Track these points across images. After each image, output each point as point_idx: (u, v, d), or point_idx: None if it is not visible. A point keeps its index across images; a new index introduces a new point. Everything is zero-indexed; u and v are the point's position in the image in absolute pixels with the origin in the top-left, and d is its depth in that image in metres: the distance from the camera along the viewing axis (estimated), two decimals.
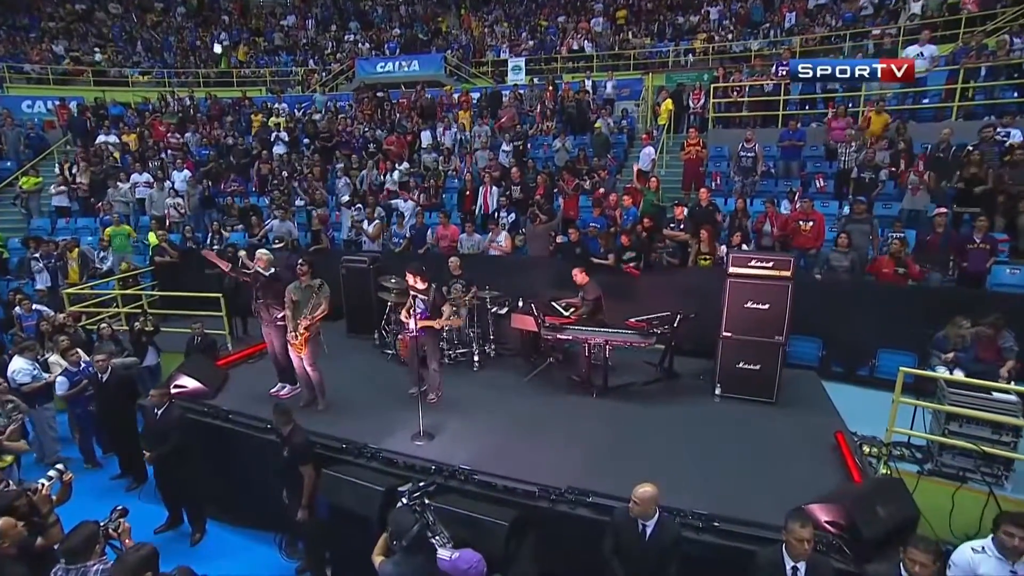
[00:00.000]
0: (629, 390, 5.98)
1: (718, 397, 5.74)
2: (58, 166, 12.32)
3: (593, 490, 3.97)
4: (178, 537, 5.46)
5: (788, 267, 5.35)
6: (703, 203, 8.10)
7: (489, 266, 8.33)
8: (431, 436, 5.12)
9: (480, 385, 6.33)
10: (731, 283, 5.54)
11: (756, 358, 5.57)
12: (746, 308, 5.49)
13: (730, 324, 5.60)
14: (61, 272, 9.52)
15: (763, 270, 5.42)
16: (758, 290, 5.44)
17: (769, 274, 5.41)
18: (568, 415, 5.55)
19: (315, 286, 5.58)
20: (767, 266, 5.42)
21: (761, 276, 5.43)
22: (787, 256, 5.58)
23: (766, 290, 5.41)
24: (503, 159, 11.71)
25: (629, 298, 7.50)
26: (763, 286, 5.42)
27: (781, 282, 5.36)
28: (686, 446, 4.90)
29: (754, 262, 5.47)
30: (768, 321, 5.43)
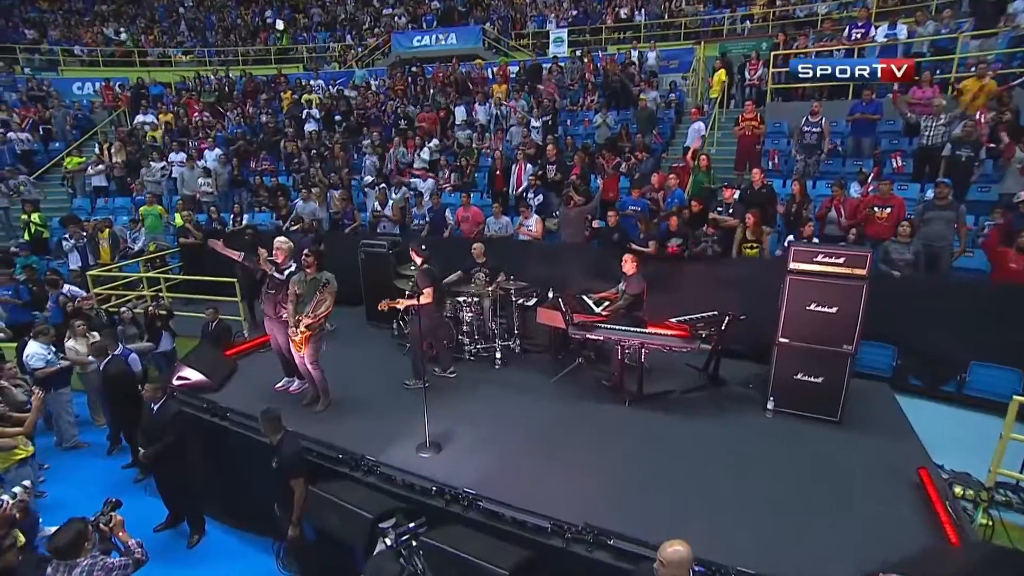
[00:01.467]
0: (667, 399, 5.28)
1: (771, 412, 4.95)
2: (97, 146, 12.45)
3: (616, 531, 3.34)
4: (178, 536, 5.20)
5: (863, 264, 4.46)
6: (756, 185, 7.14)
7: (517, 252, 7.69)
8: (438, 447, 4.61)
9: (500, 386, 5.75)
10: (791, 281, 4.70)
11: (818, 369, 4.73)
12: (809, 311, 4.65)
13: (788, 328, 4.78)
14: (92, 252, 9.54)
15: (831, 267, 4.55)
16: (824, 290, 4.58)
17: (839, 271, 4.53)
18: (595, 428, 4.91)
19: (321, 280, 5.11)
20: (837, 262, 4.54)
21: (829, 274, 4.57)
22: (863, 251, 4.66)
23: (834, 291, 4.55)
24: (534, 136, 10.97)
25: (669, 291, 6.68)
26: (831, 286, 4.56)
27: (854, 282, 4.48)
28: (730, 475, 4.18)
29: (821, 257, 4.60)
30: (835, 327, 4.58)
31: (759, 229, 6.47)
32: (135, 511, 5.26)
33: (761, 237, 6.44)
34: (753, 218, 6.39)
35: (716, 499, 3.87)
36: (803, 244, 5.06)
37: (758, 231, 6.46)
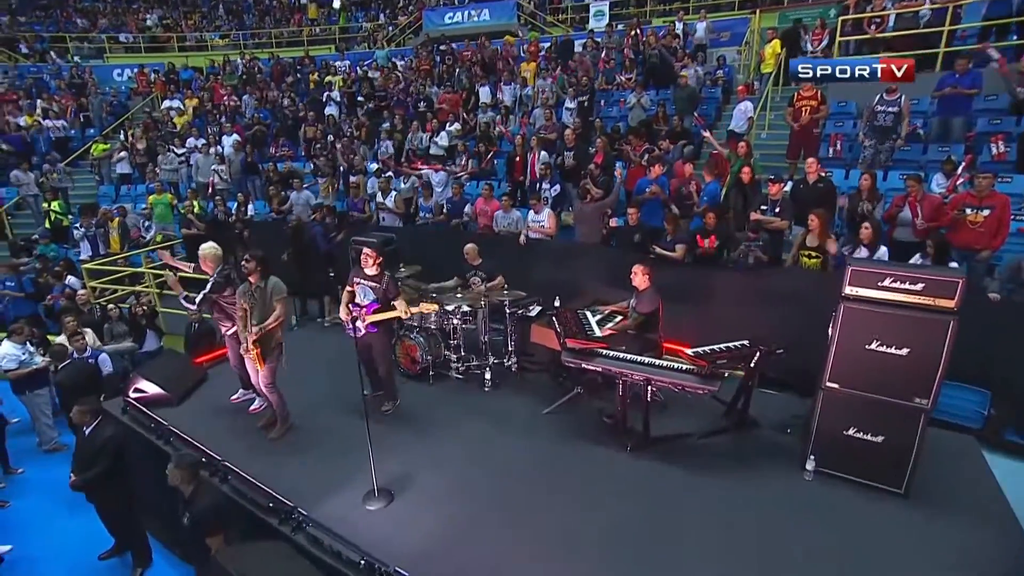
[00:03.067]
0: (679, 445, 4.29)
1: (811, 473, 3.87)
2: (123, 132, 12.41)
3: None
4: (122, 566, 4.75)
5: (952, 292, 3.29)
6: (811, 177, 5.88)
7: (524, 252, 6.79)
8: (389, 497, 3.87)
9: (482, 416, 4.91)
10: (847, 310, 3.58)
11: (878, 425, 3.62)
12: (869, 351, 3.53)
13: (839, 370, 3.67)
14: (103, 242, 9.39)
15: (905, 294, 3.40)
16: (893, 325, 3.45)
17: (916, 301, 3.38)
18: (584, 482, 4.00)
19: (267, 289, 4.44)
20: (913, 288, 3.38)
21: (900, 304, 3.42)
22: (953, 274, 3.46)
23: (907, 326, 3.41)
24: (566, 118, 9.92)
25: (695, 304, 5.66)
26: (902, 319, 3.42)
27: (937, 316, 3.32)
28: (749, 566, 3.19)
29: (890, 280, 3.44)
30: (906, 374, 3.45)
31: (825, 234, 5.24)
32: (81, 533, 4.93)
33: (826, 244, 5.21)
34: (818, 221, 5.16)
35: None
36: (864, 262, 3.88)
37: (824, 236, 5.23)
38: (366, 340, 4.76)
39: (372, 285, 4.68)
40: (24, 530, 5.27)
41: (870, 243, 4.98)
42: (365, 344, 4.79)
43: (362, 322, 4.64)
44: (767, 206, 5.79)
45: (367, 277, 4.70)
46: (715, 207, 5.93)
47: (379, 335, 4.75)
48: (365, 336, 4.72)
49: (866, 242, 4.98)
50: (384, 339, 4.78)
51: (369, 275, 4.68)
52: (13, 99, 13.73)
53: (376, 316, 4.60)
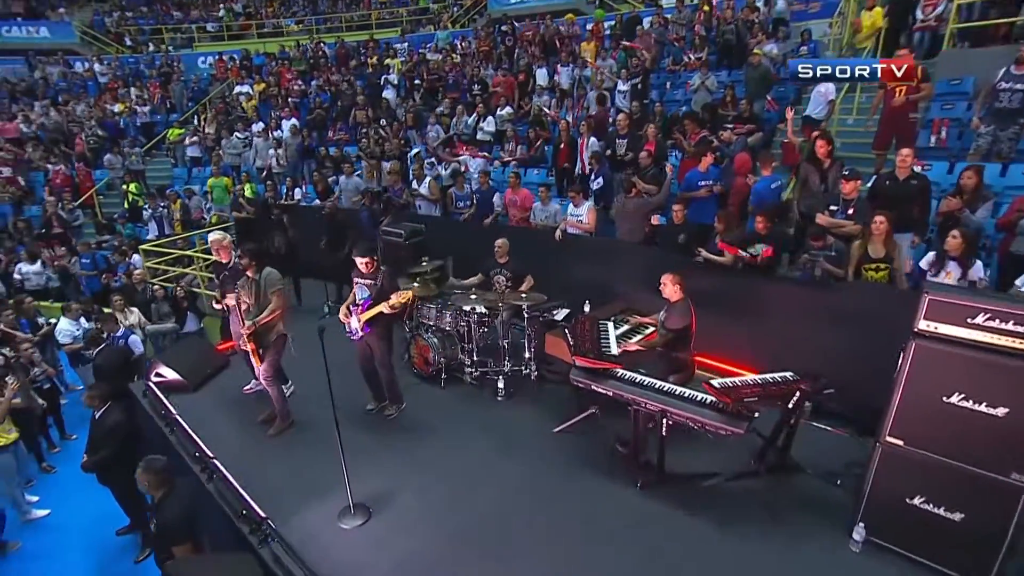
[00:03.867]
0: (700, 486, 3.67)
1: (859, 544, 3.14)
2: (196, 117, 13.04)
3: None
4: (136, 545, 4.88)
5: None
6: (902, 172, 4.87)
7: (560, 249, 6.25)
8: (367, 514, 3.61)
9: (486, 430, 4.53)
10: (919, 349, 2.81)
11: (957, 499, 2.84)
12: (948, 403, 2.74)
13: (905, 423, 2.91)
14: (168, 222, 9.90)
15: (1006, 336, 2.58)
16: (985, 375, 2.64)
17: (1017, 347, 2.56)
18: (587, 516, 3.54)
19: (261, 281, 4.28)
20: (1015, 331, 2.56)
21: (998, 348, 2.61)
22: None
23: (1007, 379, 2.59)
24: (619, 102, 9.15)
25: (742, 319, 4.91)
26: (1000, 370, 2.60)
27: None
28: None
29: (986, 317, 2.62)
30: (1002, 439, 2.64)
31: (891, 241, 4.32)
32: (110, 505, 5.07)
33: (893, 253, 4.30)
34: (883, 222, 4.25)
35: None
36: (946, 289, 3.00)
37: (890, 243, 4.32)
38: (364, 345, 4.53)
39: (368, 283, 4.41)
40: (61, 496, 5.59)
41: (960, 256, 4.00)
42: (363, 349, 4.57)
43: (358, 322, 4.41)
44: (837, 206, 4.86)
45: (363, 275, 4.42)
46: (769, 208, 5.08)
47: (376, 338, 4.47)
48: (362, 339, 4.49)
49: (954, 254, 4.01)
50: (382, 342, 4.49)
51: (364, 274, 4.40)
52: (113, 88, 14.87)
53: (367, 313, 4.33)
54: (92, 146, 12.49)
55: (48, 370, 6.29)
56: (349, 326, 4.51)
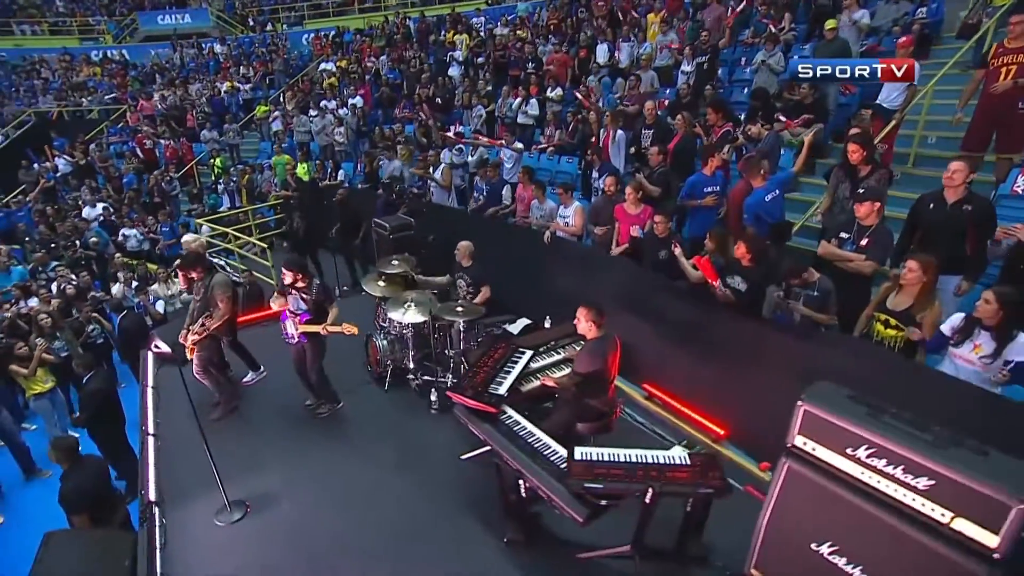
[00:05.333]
0: (571, 558, 3.18)
1: None
2: (280, 94, 13.99)
3: None
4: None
5: (997, 520, 1.59)
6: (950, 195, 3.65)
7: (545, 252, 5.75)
8: (243, 512, 3.71)
9: (401, 440, 4.43)
10: (791, 471, 2.09)
11: None
12: (816, 552, 2.01)
13: (768, 558, 2.22)
14: (239, 196, 10.84)
15: (896, 485, 1.79)
16: (860, 526, 1.87)
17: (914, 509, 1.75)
18: (449, 556, 3.26)
19: (209, 286, 4.47)
20: (913, 483, 1.75)
21: (883, 499, 1.82)
22: (1003, 487, 1.68)
23: (891, 545, 1.80)
24: (683, 82, 8.07)
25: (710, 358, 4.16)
26: (883, 529, 1.82)
27: (954, 556, 1.67)
28: None
29: (869, 453, 1.82)
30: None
31: (928, 297, 3.22)
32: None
33: (927, 308, 3.21)
34: (920, 271, 3.18)
35: None
36: (828, 405, 2.09)
37: (924, 299, 3.22)
38: (299, 348, 4.56)
39: (304, 296, 4.37)
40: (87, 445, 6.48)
41: (997, 326, 2.87)
42: (298, 352, 4.60)
43: (294, 328, 4.43)
44: (848, 234, 3.78)
45: (298, 288, 4.37)
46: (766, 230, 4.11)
47: (311, 345, 4.47)
48: (298, 344, 4.51)
49: (988, 322, 2.89)
50: (315, 349, 4.49)
51: (299, 287, 4.35)
52: (226, 68, 16.50)
53: (305, 328, 4.31)
54: (200, 122, 14.01)
55: (106, 325, 7.24)
56: (285, 330, 4.55)
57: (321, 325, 4.23)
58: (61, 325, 6.41)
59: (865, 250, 3.66)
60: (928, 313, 3.16)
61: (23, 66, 18.34)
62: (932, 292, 3.20)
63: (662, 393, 4.65)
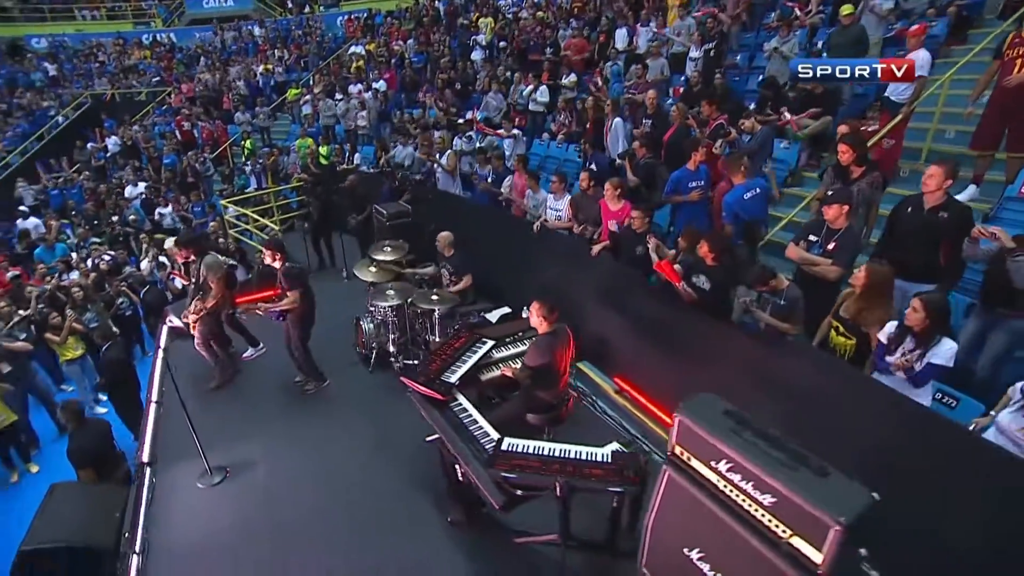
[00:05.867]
0: (508, 542, 3.35)
1: None
2: (311, 77, 14.36)
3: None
4: None
5: (820, 537, 1.64)
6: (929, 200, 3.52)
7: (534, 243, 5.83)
8: (222, 476, 4.11)
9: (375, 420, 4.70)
10: (671, 477, 2.16)
11: None
12: (687, 557, 2.09)
13: (654, 557, 2.30)
14: (265, 177, 11.32)
15: (746, 499, 1.85)
16: (721, 538, 1.95)
17: (760, 521, 1.81)
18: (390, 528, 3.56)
19: (201, 268, 4.82)
20: (760, 498, 1.80)
21: (738, 511, 1.88)
22: (830, 509, 1.71)
23: (741, 553, 1.87)
24: (692, 70, 7.87)
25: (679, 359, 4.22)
26: (736, 539, 1.89)
27: (786, 567, 1.73)
28: None
29: (727, 466, 1.88)
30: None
31: (880, 302, 3.13)
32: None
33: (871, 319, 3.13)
34: (865, 278, 3.10)
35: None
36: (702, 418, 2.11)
37: (876, 306, 3.13)
38: (285, 327, 4.84)
39: (280, 277, 4.66)
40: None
41: (921, 332, 2.80)
42: (285, 330, 4.89)
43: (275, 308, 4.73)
44: (817, 237, 3.69)
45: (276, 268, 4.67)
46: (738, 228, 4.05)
47: (292, 323, 4.75)
48: (284, 323, 4.80)
49: (916, 329, 2.82)
50: (294, 328, 4.78)
51: (276, 267, 4.64)
52: (263, 50, 17.03)
53: (267, 305, 4.64)
54: (236, 104, 14.59)
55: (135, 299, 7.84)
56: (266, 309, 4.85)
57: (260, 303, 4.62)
58: (93, 298, 6.98)
59: (831, 254, 3.57)
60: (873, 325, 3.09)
61: (83, 50, 19.49)
62: (884, 305, 3.11)
63: (631, 387, 4.70)
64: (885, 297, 3.12)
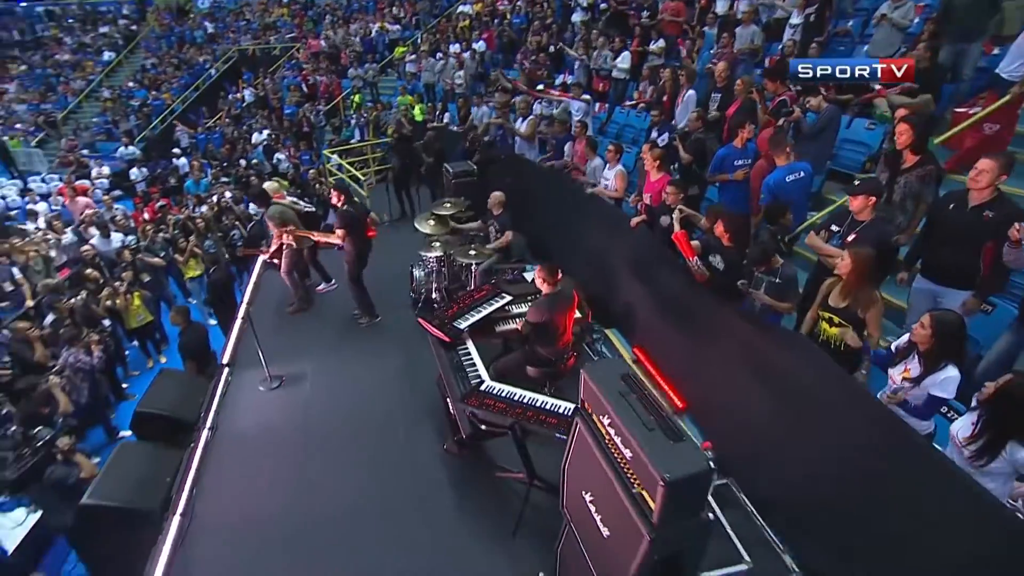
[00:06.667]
0: (492, 476, 3.78)
1: None
2: (419, 36, 15.00)
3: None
4: None
5: (653, 489, 1.83)
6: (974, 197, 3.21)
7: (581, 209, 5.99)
8: (279, 383, 4.96)
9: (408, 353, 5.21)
10: (579, 424, 2.39)
11: None
12: (584, 499, 2.35)
13: (569, 498, 2.56)
14: (367, 131, 12.31)
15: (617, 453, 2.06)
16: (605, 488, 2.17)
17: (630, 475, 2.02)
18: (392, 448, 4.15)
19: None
20: (624, 454, 2.01)
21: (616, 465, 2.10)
22: (665, 466, 1.86)
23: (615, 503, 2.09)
24: (788, 38, 7.28)
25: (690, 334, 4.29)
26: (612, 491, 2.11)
27: (639, 521, 1.95)
28: None
29: (608, 422, 2.08)
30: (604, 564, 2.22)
31: (864, 292, 3.02)
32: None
33: (860, 309, 3.03)
34: (852, 264, 3.01)
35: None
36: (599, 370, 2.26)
37: (862, 295, 3.03)
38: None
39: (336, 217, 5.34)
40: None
41: (927, 352, 2.64)
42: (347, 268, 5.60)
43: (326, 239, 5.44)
44: (839, 226, 3.50)
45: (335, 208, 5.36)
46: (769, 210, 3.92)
47: (345, 258, 5.43)
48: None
49: (921, 347, 2.67)
50: (346, 264, 5.46)
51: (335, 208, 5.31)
52: (381, 8, 17.97)
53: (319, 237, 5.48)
54: (351, 60, 15.74)
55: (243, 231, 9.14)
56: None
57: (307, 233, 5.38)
58: (212, 228, 8.32)
59: (850, 247, 3.38)
60: (873, 311, 2.96)
61: (235, 9, 21.91)
62: (868, 289, 2.97)
63: (645, 358, 4.81)
64: (871, 279, 2.98)
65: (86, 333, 5.54)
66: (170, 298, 7.63)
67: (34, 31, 22.12)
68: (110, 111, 17.60)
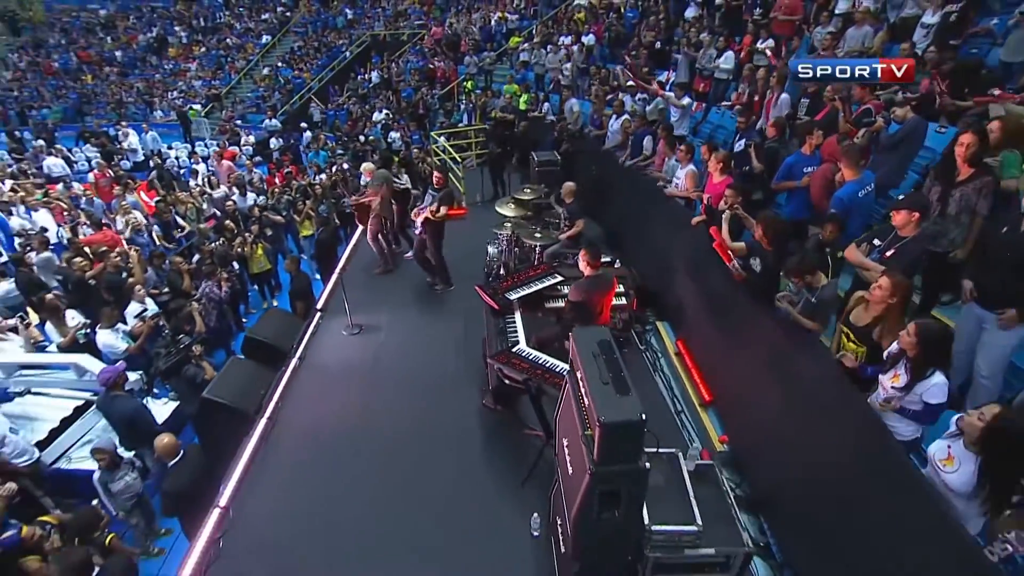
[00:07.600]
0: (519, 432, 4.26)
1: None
2: (535, 27, 15.48)
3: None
4: None
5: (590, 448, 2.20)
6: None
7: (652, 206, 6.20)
8: (358, 330, 5.80)
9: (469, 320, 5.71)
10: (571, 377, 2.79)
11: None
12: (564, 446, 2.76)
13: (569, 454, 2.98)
14: (474, 116, 13.09)
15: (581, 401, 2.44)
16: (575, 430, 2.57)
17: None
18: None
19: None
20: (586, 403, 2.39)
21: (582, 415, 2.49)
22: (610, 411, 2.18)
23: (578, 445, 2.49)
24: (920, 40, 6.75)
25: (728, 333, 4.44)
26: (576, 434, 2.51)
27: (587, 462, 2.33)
28: None
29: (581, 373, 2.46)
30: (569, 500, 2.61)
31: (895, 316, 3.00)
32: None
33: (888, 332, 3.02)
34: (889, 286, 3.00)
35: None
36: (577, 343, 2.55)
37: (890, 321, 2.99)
38: (420, 239, 6.25)
39: (433, 194, 6.01)
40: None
41: (913, 359, 2.66)
42: (420, 243, 6.29)
43: (419, 220, 6.13)
44: (881, 240, 3.45)
45: (435, 189, 6.03)
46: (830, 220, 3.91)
47: (427, 235, 6.11)
48: (421, 235, 6.20)
49: (909, 354, 2.69)
50: (431, 240, 6.13)
51: (436, 188, 5.99)
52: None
53: (420, 216, 6.00)
54: (470, 48, 16.63)
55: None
56: (417, 223, 6.26)
57: (428, 211, 5.87)
58: (328, 195, 9.55)
59: (886, 262, 3.36)
60: (888, 338, 2.97)
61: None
62: (899, 317, 2.95)
63: (685, 351, 4.98)
64: (903, 311, 2.97)
65: (220, 271, 6.81)
66: (286, 251, 8.94)
67: (214, 18, 25.83)
68: (262, 86, 20.23)
